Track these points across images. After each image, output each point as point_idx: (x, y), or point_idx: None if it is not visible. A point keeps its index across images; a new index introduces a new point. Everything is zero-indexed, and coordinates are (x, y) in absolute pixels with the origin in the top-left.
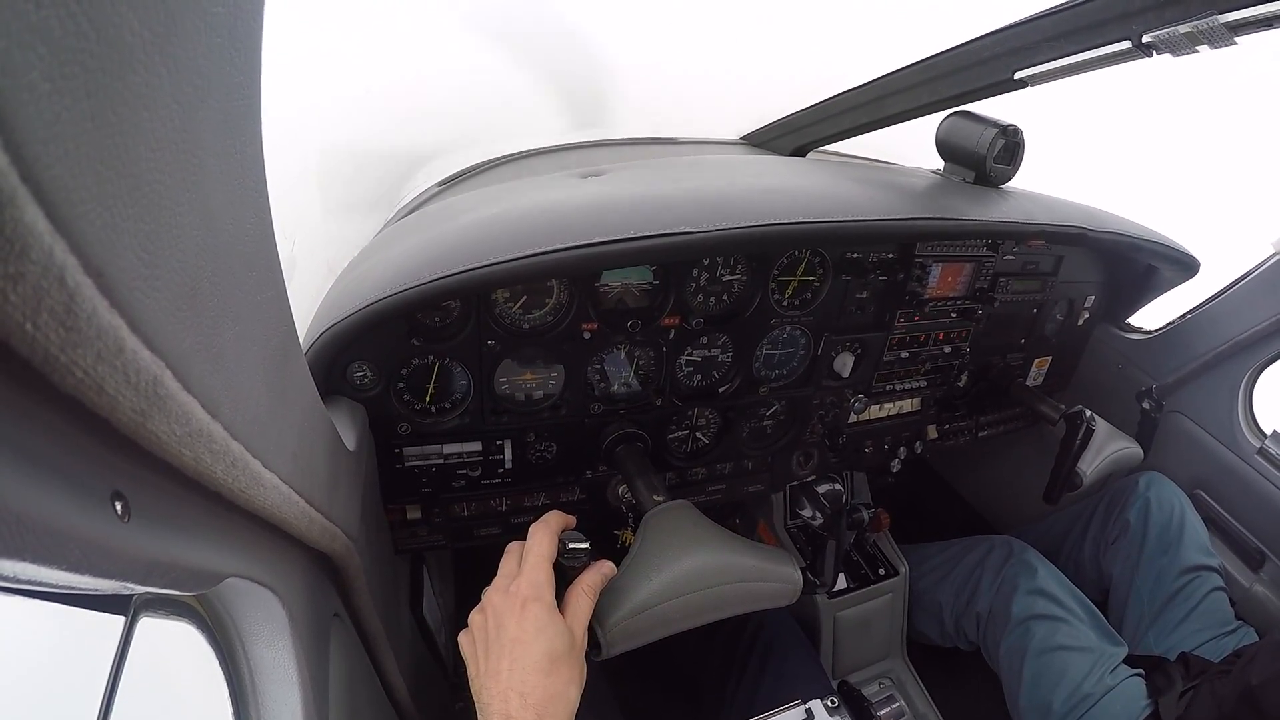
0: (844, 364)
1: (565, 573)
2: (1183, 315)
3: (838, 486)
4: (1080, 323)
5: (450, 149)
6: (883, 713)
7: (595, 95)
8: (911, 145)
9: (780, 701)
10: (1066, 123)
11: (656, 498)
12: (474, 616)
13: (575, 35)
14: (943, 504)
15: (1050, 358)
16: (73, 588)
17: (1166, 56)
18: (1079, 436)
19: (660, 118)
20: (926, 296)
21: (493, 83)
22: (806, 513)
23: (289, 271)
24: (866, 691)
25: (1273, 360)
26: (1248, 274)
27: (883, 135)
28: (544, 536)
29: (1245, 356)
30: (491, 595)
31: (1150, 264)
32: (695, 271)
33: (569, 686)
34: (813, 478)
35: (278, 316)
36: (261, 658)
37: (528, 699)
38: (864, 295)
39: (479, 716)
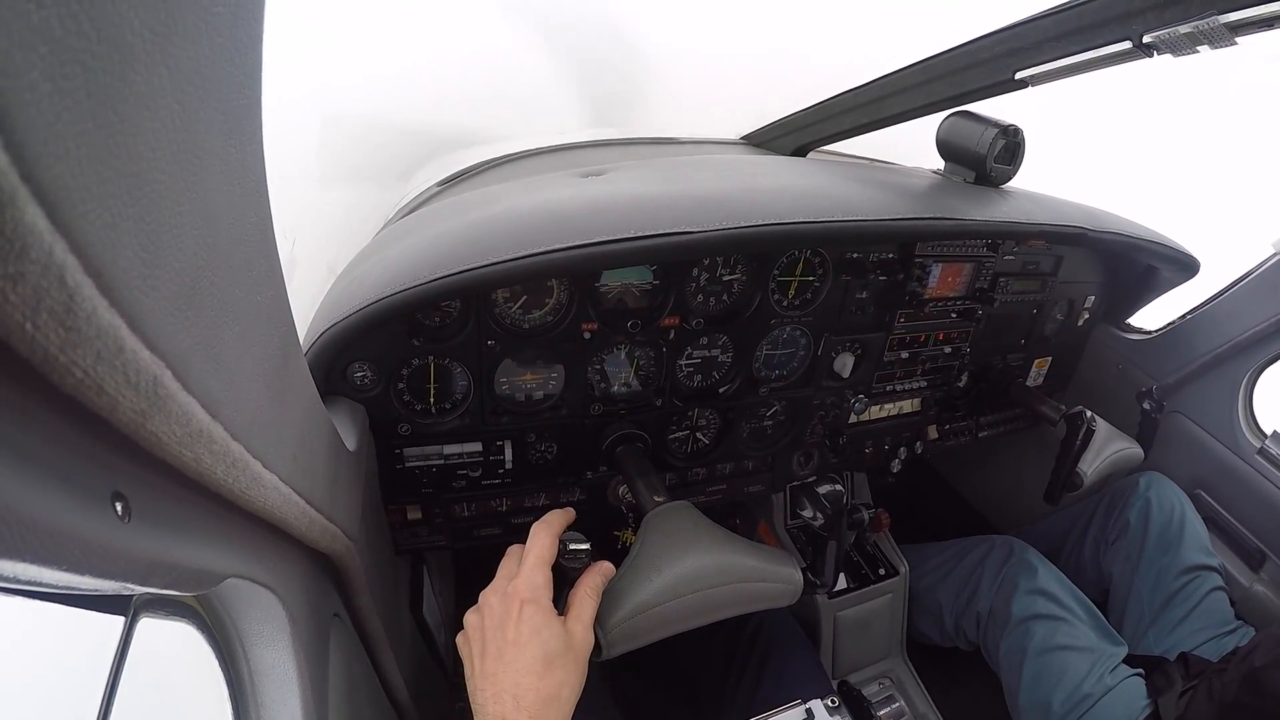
0: (844, 364)
1: (565, 573)
2: (1183, 316)
3: (838, 487)
4: (1080, 323)
5: (469, 142)
6: (883, 713)
7: (621, 91)
8: (912, 145)
9: (780, 701)
10: (1067, 123)
11: (657, 498)
12: (470, 617)
13: (593, 29)
14: (943, 504)
15: (1050, 358)
16: (73, 588)
17: (1167, 57)
18: (1079, 437)
19: (662, 117)
20: (926, 297)
21: (524, 74)
22: (807, 513)
23: (289, 271)
24: (866, 691)
25: (1273, 360)
26: (1248, 274)
27: (883, 135)
28: (545, 538)
29: (1245, 357)
30: (489, 596)
31: (1150, 264)
32: (695, 271)
33: (562, 689)
34: (813, 478)
35: (278, 316)
36: (261, 658)
37: (521, 701)
38: (864, 295)
39: (475, 717)
